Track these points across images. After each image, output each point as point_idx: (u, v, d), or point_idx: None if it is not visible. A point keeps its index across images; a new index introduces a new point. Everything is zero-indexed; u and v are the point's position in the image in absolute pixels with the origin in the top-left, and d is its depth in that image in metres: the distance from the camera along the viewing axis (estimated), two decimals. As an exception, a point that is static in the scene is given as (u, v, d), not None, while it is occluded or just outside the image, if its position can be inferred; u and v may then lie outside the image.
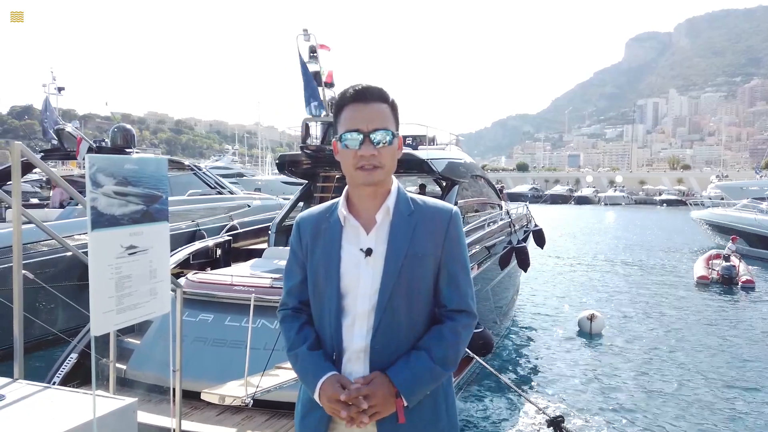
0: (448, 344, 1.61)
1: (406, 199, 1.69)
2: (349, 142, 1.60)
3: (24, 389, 2.33)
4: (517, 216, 10.21)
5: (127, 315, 1.97)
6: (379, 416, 1.53)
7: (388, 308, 1.59)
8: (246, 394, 3.53)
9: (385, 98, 1.64)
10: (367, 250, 1.63)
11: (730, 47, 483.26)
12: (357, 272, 1.63)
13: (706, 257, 15.67)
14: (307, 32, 6.87)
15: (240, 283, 5.11)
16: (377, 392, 1.52)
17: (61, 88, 12.07)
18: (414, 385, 1.56)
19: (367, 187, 1.64)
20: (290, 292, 1.76)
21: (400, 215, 1.65)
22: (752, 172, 56.13)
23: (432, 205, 1.70)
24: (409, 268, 1.60)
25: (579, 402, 6.44)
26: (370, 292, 1.61)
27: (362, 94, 1.62)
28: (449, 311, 1.66)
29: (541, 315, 10.68)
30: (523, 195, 54.42)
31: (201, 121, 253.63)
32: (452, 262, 1.66)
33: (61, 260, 7.45)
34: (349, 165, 1.62)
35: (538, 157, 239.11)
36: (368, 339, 1.61)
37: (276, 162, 8.52)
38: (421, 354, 1.59)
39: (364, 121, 1.59)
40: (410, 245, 1.62)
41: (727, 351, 8.54)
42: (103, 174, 1.84)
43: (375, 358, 1.60)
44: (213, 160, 50.92)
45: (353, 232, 1.67)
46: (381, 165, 1.60)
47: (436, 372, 1.59)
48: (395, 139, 1.63)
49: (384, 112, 1.62)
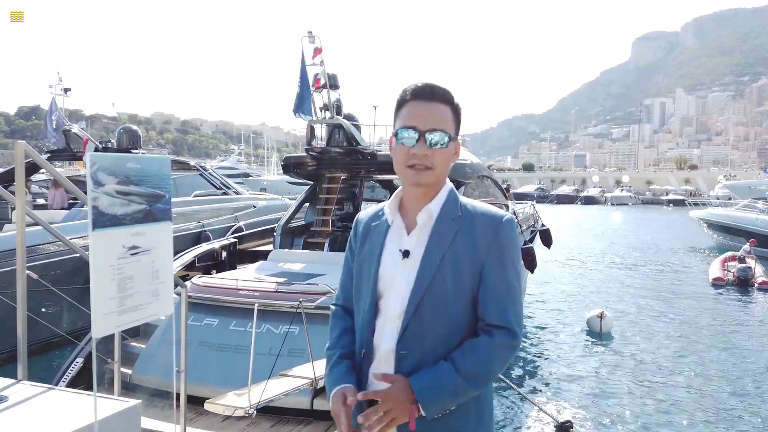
0: (479, 360, 1.51)
1: (456, 203, 1.62)
2: (405, 140, 1.56)
3: (27, 390, 2.31)
4: (524, 216, 10.16)
5: (130, 317, 1.95)
6: (397, 422, 1.48)
7: (416, 313, 1.54)
8: (249, 405, 3.48)
9: (449, 100, 1.59)
10: (404, 252, 1.59)
11: (737, 46, 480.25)
12: (393, 273, 1.60)
13: (722, 259, 15.62)
14: (311, 34, 6.86)
15: (245, 287, 5.08)
16: (393, 395, 1.48)
17: (67, 89, 12.12)
18: (433, 395, 1.49)
19: (416, 188, 1.60)
20: (342, 289, 1.79)
21: (444, 219, 1.60)
22: (760, 172, 55.77)
23: (482, 211, 1.61)
24: (444, 274, 1.54)
25: (588, 406, 6.35)
26: (402, 294, 1.57)
27: (425, 91, 1.57)
28: (486, 325, 1.55)
29: (549, 316, 10.61)
30: (529, 195, 54.21)
31: (207, 122, 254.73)
32: (494, 274, 1.55)
33: (68, 262, 7.45)
34: (401, 162, 1.58)
35: (544, 157, 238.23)
36: (395, 342, 1.58)
37: (281, 164, 8.52)
38: (448, 366, 1.51)
39: (423, 119, 1.54)
40: (448, 251, 1.55)
41: (743, 353, 8.43)
42: (105, 173, 1.82)
43: (400, 363, 1.56)
44: (219, 161, 51.09)
45: (397, 232, 1.64)
46: (432, 166, 1.55)
47: (460, 386, 1.49)
48: (452, 143, 1.58)
49: (445, 114, 1.58)
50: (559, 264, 17.10)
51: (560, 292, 12.88)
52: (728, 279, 13.93)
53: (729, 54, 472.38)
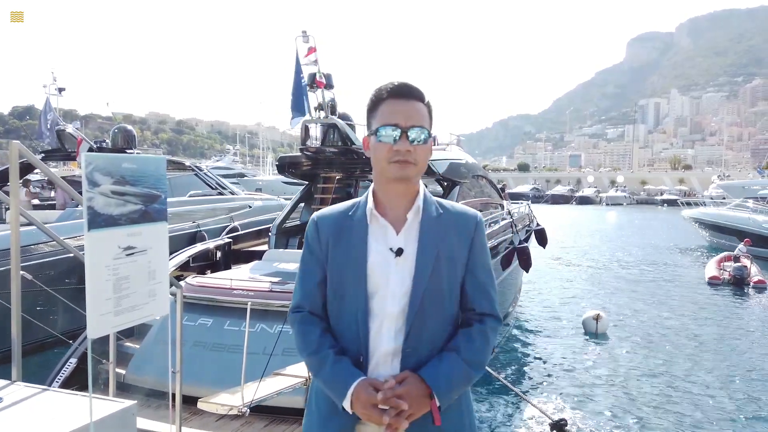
0: (478, 346, 1.61)
1: (433, 202, 1.69)
2: (384, 137, 1.57)
3: (22, 391, 2.30)
4: (520, 215, 10.18)
5: (126, 317, 1.95)
6: (414, 417, 1.50)
7: (420, 310, 1.57)
8: (243, 403, 3.49)
9: (423, 98, 1.64)
10: (397, 250, 1.59)
11: (732, 47, 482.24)
12: (386, 272, 1.59)
13: (718, 259, 15.79)
14: (305, 33, 6.86)
15: (239, 287, 5.08)
16: (411, 392, 1.49)
17: (61, 89, 12.05)
18: (447, 385, 1.53)
19: (398, 185, 1.62)
20: (307, 294, 1.68)
21: (429, 216, 1.63)
22: (754, 172, 56.05)
23: (459, 210, 1.70)
24: (439, 269, 1.59)
25: (582, 405, 6.38)
26: (399, 293, 1.58)
27: (402, 90, 1.61)
28: (477, 314, 1.65)
29: (544, 315, 10.63)
30: (524, 195, 54.31)
31: (202, 122, 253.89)
32: (479, 267, 1.67)
33: (62, 262, 7.43)
34: (383, 159, 1.59)
35: (539, 157, 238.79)
36: (398, 341, 1.58)
37: (276, 164, 8.50)
38: (452, 355, 1.58)
39: (403, 116, 1.57)
40: (441, 247, 1.61)
41: (739, 352, 8.48)
42: (101, 173, 1.81)
43: (407, 361, 1.57)
44: (214, 161, 50.94)
45: (381, 230, 1.63)
46: (415, 162, 1.58)
47: (467, 373, 1.58)
48: (429, 139, 1.63)
49: (422, 111, 1.62)
50: (554, 263, 17.14)
51: (555, 292, 12.91)
52: (724, 278, 14.08)
53: (723, 55, 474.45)
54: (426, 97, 1.64)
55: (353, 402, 1.50)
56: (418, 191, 1.66)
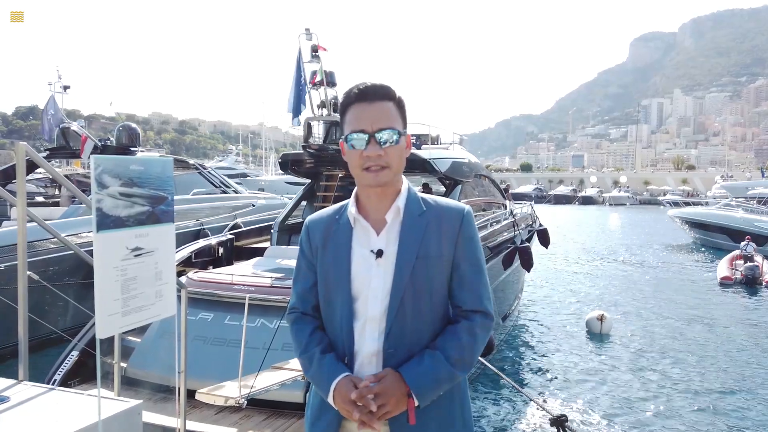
0: (463, 345, 1.57)
1: (417, 199, 1.65)
2: (354, 143, 1.56)
3: (29, 391, 2.32)
4: (522, 215, 10.18)
5: (133, 317, 1.96)
6: (389, 415, 1.50)
7: (400, 310, 1.56)
8: (240, 395, 3.52)
9: (391, 96, 1.60)
10: (377, 252, 1.59)
11: (735, 47, 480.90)
12: (368, 274, 1.59)
13: (729, 258, 15.68)
14: (309, 31, 6.87)
15: (240, 282, 5.10)
16: (388, 390, 1.49)
17: (66, 87, 12.11)
18: (426, 384, 1.51)
19: (375, 188, 1.60)
20: (300, 296, 1.72)
21: (410, 216, 1.62)
22: (757, 173, 55.90)
23: (444, 205, 1.66)
24: (420, 269, 1.57)
25: (584, 402, 6.39)
26: (381, 295, 1.57)
27: (366, 93, 1.57)
28: (464, 311, 1.62)
29: (546, 315, 10.64)
30: (527, 195, 54.21)
31: (205, 122, 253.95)
32: (465, 263, 1.62)
33: (66, 258, 7.46)
34: (356, 166, 1.58)
35: (541, 157, 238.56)
36: (380, 342, 1.57)
37: (278, 161, 8.51)
38: (434, 354, 1.55)
39: (369, 120, 1.55)
40: (421, 246, 1.58)
41: (746, 351, 8.45)
42: (109, 175, 1.82)
43: (388, 362, 1.57)
44: (217, 161, 50.93)
45: (363, 233, 1.63)
46: (388, 165, 1.56)
47: (449, 372, 1.54)
48: (402, 138, 1.59)
49: (389, 111, 1.58)
50: (556, 263, 17.14)
51: (558, 292, 12.90)
52: (736, 278, 13.95)
53: (726, 55, 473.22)
54: (395, 94, 1.61)
55: (335, 397, 1.53)
56: (399, 191, 1.64)
